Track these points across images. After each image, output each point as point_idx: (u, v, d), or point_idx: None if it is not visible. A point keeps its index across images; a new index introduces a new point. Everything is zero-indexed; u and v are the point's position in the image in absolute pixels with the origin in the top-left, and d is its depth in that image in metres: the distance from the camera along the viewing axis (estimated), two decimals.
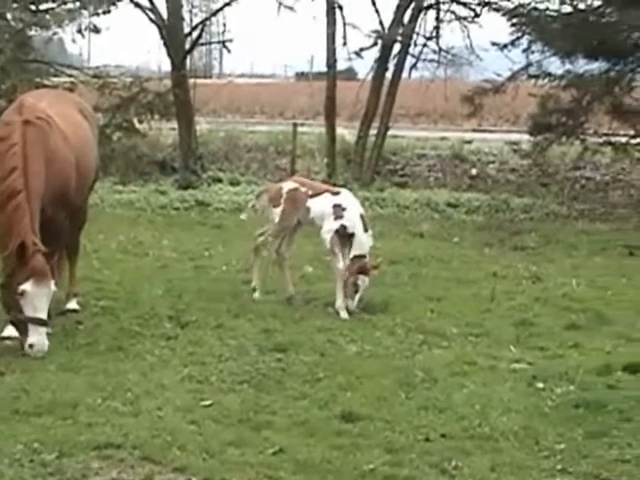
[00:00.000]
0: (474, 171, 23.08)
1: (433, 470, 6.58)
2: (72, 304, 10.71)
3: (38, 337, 8.92)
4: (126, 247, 14.54)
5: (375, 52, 22.30)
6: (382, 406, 7.80)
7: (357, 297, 10.86)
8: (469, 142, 25.25)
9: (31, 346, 8.88)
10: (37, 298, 8.96)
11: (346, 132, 23.89)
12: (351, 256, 10.92)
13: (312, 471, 6.46)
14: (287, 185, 11.64)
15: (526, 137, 21.77)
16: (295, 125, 23.98)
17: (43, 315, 9.00)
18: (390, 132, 22.64)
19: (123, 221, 16.98)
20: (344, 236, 11.00)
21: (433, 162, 23.73)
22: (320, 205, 11.14)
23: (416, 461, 6.69)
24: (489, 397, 8.04)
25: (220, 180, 21.46)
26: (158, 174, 21.88)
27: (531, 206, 19.40)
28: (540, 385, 8.42)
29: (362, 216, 11.13)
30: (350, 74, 36.24)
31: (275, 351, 9.21)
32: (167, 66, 22.97)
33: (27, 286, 8.92)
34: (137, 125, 22.12)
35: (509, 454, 6.87)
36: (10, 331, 9.32)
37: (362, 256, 10.91)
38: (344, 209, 11.00)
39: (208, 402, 7.79)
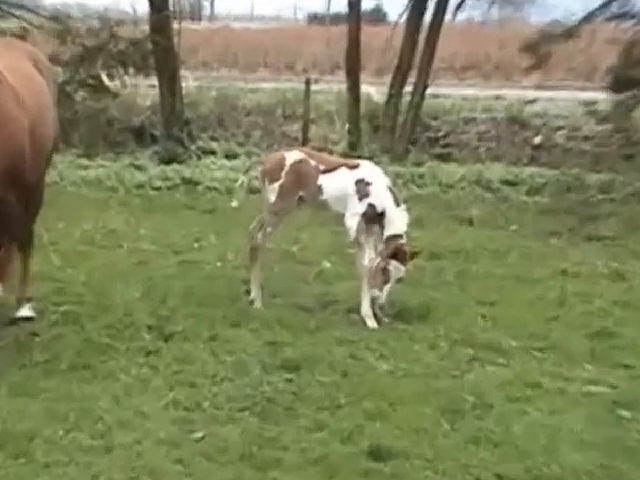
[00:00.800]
0: (538, 139, 23.06)
1: None
2: (25, 311, 10.73)
3: None
4: (93, 238, 14.59)
5: None
6: (421, 439, 7.82)
7: (386, 289, 10.89)
8: (531, 102, 25.19)
9: None
10: None
11: (373, 90, 23.90)
12: (384, 238, 10.97)
13: None
14: (291, 155, 11.63)
15: (605, 96, 21.71)
16: (308, 81, 23.97)
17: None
18: (430, 90, 22.62)
19: (89, 204, 17.04)
20: (373, 218, 11.02)
21: (485, 128, 23.71)
22: (337, 183, 11.14)
23: None
24: (557, 428, 8.06)
25: (213, 152, 21.52)
26: (134, 144, 21.96)
27: (610, 184, 19.35)
28: (623, 413, 8.45)
29: (390, 188, 11.13)
30: (378, 16, 36.29)
31: (284, 369, 9.25)
32: (144, 6, 22.94)
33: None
34: (106, 82, 22.16)
35: None
36: None
37: (398, 236, 10.95)
38: (368, 184, 11.01)
39: (199, 434, 7.83)
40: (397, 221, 10.95)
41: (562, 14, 21.92)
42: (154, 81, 22.73)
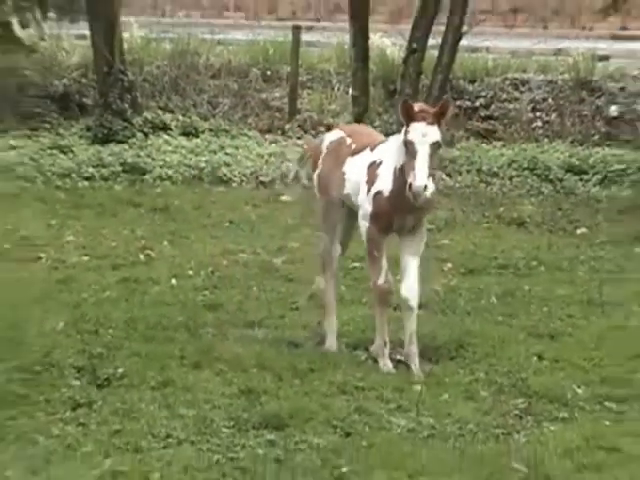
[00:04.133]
0: (614, 109, 23.09)
1: None
2: None
3: None
4: (0, 247, 14.59)
5: None
6: None
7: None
8: (605, 58, 25.24)
9: None
10: None
11: (387, 41, 23.92)
12: None
13: None
14: (329, 135, 11.78)
15: None
16: (297, 29, 23.99)
17: None
18: (465, 42, 22.62)
19: None
20: None
21: (541, 95, 23.75)
22: (355, 169, 11.15)
23: None
24: None
25: (165, 127, 21.53)
26: (57, 117, 21.95)
27: None
28: None
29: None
30: None
31: (264, 428, 9.25)
32: None
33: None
34: (17, 32, 22.17)
35: None
36: None
37: None
38: (379, 165, 10.91)
39: None
40: None
41: None
42: (84, 30, 22.75)
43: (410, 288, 10.56)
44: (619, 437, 9.26)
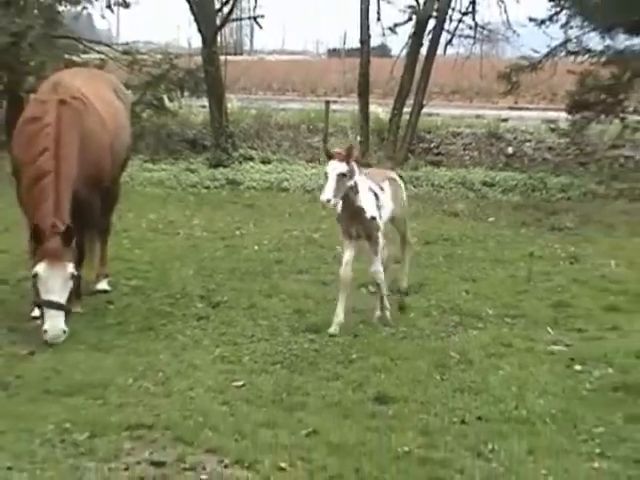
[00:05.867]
0: (510, 149, 22.93)
1: (469, 453, 6.58)
2: (102, 284, 10.76)
3: (51, 322, 8.75)
4: (157, 226, 14.60)
5: (409, 28, 22.22)
6: (417, 388, 7.80)
7: None
8: (505, 120, 25.07)
9: (45, 332, 8.75)
10: (50, 281, 8.80)
11: (380, 110, 23.81)
12: None
13: (345, 453, 6.47)
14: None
15: (564, 115, 21.62)
16: (327, 103, 23.94)
17: (56, 298, 8.81)
18: (425, 110, 22.53)
19: (153, 200, 17.04)
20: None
21: (468, 140, 23.59)
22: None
23: (451, 444, 6.69)
24: (526, 379, 8.03)
25: (251, 158, 21.46)
26: (188, 152, 21.93)
27: (569, 185, 19.24)
28: (578, 367, 8.42)
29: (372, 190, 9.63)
30: (384, 51, 36.16)
31: (308, 332, 9.24)
32: (197, 42, 22.99)
33: (39, 268, 8.80)
34: (167, 103, 22.16)
35: (546, 437, 6.85)
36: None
37: None
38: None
39: (240, 383, 7.82)
40: None
41: (529, 51, 21.78)
42: (205, 102, 22.72)
43: (375, 270, 9.62)
44: (512, 338, 9.27)
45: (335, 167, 9.06)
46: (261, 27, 25.00)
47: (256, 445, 6.58)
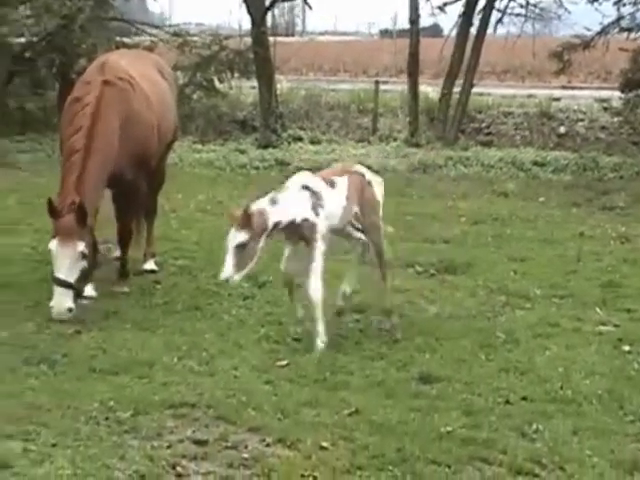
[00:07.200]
0: (562, 129, 22.69)
1: (513, 433, 6.52)
2: (150, 264, 10.80)
3: (57, 299, 8.73)
4: (205, 207, 14.59)
5: (459, 7, 22.05)
6: (461, 368, 7.75)
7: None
8: (557, 100, 24.83)
9: (51, 308, 8.76)
10: (60, 258, 8.76)
11: (430, 90, 23.69)
12: None
13: (388, 433, 6.44)
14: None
15: (617, 94, 21.40)
16: (377, 83, 23.87)
17: (63, 276, 8.74)
18: (475, 90, 22.38)
19: (202, 180, 17.05)
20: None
21: (520, 120, 23.38)
22: None
23: (495, 424, 6.64)
24: (573, 360, 7.95)
25: (300, 139, 21.43)
26: (238, 133, 21.95)
27: (621, 165, 18.99)
28: (626, 348, 8.32)
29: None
30: (436, 31, 35.97)
31: (353, 312, 9.20)
32: (248, 24, 22.96)
33: (52, 245, 8.81)
34: (217, 84, 22.22)
35: (592, 418, 6.78)
36: (87, 291, 9.43)
37: None
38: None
39: (284, 362, 7.81)
40: None
41: (582, 29, 21.60)
42: (254, 83, 22.71)
43: (309, 287, 8.12)
44: (559, 318, 9.17)
45: (234, 237, 7.79)
46: (310, 7, 24.88)
47: (298, 424, 6.58)
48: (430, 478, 5.89)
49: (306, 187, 8.30)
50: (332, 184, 8.41)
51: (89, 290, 9.41)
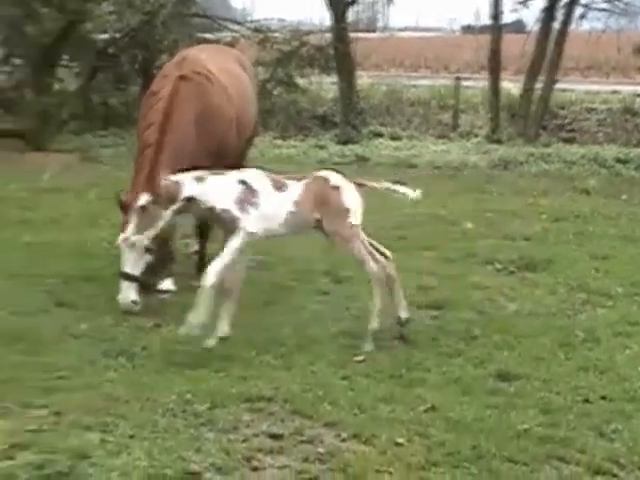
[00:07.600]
0: None
1: (591, 432, 6.43)
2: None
3: (123, 293, 8.84)
4: None
5: (542, 2, 21.83)
6: (540, 366, 7.66)
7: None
8: None
9: (118, 301, 8.86)
10: (125, 253, 8.82)
11: (511, 86, 23.53)
12: None
13: (464, 430, 6.39)
14: None
15: None
16: (458, 79, 23.77)
17: (128, 270, 8.80)
18: (558, 86, 22.17)
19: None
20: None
21: (603, 117, 23.11)
22: None
23: (573, 422, 6.55)
24: None
25: (381, 135, 21.44)
26: (318, 129, 22.00)
27: None
28: None
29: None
30: (519, 27, 35.65)
31: (431, 308, 9.17)
32: (329, 20, 22.99)
33: (119, 240, 8.88)
34: (298, 80, 22.28)
35: None
36: (167, 285, 9.51)
37: None
38: None
39: (361, 358, 7.79)
40: None
41: None
42: (335, 79, 22.74)
43: (209, 269, 8.14)
44: None
45: (140, 199, 8.10)
46: (393, 3, 24.86)
47: (374, 420, 6.56)
48: (506, 476, 5.84)
49: (243, 182, 8.06)
50: (280, 187, 8.13)
51: (168, 284, 9.51)
